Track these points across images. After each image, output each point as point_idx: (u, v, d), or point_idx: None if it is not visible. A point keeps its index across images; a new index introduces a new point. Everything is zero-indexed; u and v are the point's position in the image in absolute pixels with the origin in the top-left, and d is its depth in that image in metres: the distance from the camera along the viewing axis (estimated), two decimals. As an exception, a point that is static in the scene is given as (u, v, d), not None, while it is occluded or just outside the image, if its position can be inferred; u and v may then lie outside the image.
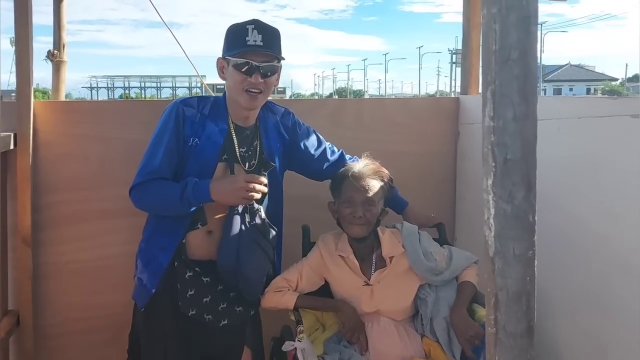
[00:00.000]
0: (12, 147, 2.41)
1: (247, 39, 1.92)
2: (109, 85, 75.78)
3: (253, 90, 1.97)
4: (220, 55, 2.04)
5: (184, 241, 2.02)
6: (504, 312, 0.79)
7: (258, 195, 1.96)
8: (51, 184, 2.59)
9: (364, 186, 2.15)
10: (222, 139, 2.02)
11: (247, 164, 2.08)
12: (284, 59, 2.00)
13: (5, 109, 2.50)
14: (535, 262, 0.79)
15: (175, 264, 2.02)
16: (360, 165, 2.22)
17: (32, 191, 2.49)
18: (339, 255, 2.21)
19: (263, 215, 2.11)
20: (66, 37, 2.89)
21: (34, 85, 2.51)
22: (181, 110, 1.99)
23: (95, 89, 74.47)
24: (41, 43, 2.95)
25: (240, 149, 2.06)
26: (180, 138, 1.97)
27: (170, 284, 2.03)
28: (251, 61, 1.93)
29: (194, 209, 1.96)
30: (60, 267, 2.65)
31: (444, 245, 2.31)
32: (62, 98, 2.93)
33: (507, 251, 0.78)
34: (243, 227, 2.01)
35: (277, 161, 2.18)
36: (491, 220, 0.79)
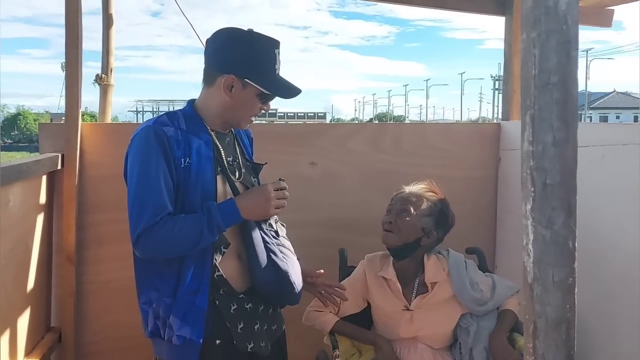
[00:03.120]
0: (59, 167, 2.48)
1: (275, 67, 1.79)
2: (155, 109, 77.56)
3: (258, 115, 1.87)
4: (227, 71, 1.76)
5: (218, 274, 1.79)
6: (543, 340, 0.78)
7: (286, 203, 1.86)
8: (95, 204, 2.65)
9: (403, 197, 2.15)
10: (211, 151, 1.81)
11: (236, 173, 1.89)
12: (300, 91, 1.86)
13: (54, 130, 2.58)
14: (576, 290, 0.77)
15: (217, 302, 1.80)
16: (416, 185, 2.22)
17: (77, 210, 2.56)
18: (382, 276, 2.19)
19: (276, 217, 1.98)
20: (114, 62, 2.98)
21: (82, 109, 2.59)
22: (161, 131, 1.73)
23: (141, 112, 76.41)
24: (90, 68, 3.02)
25: (228, 158, 1.87)
26: (171, 162, 1.72)
27: (216, 325, 1.79)
28: (281, 95, 1.84)
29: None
30: (102, 285, 2.70)
31: (487, 274, 2.27)
32: (109, 120, 3.01)
33: (546, 277, 0.77)
34: (265, 237, 1.87)
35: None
36: (530, 246, 0.78)
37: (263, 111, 1.87)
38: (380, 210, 2.24)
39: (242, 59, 1.76)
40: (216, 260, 1.79)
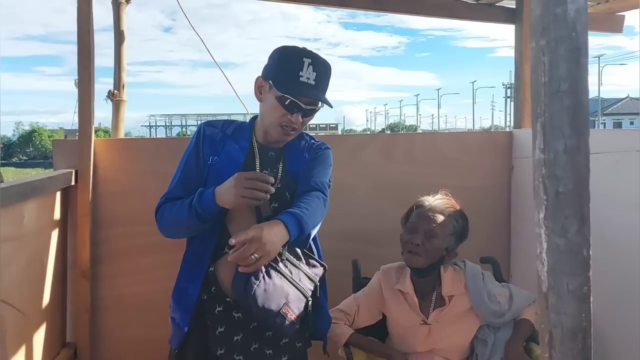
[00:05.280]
0: (73, 183, 2.50)
1: (300, 74, 1.78)
2: (167, 124, 78.05)
3: (288, 126, 1.84)
4: (261, 75, 1.88)
5: (211, 269, 1.83)
6: (559, 350, 0.77)
7: (263, 195, 1.70)
8: (109, 219, 2.66)
9: (428, 216, 2.07)
10: (243, 157, 1.88)
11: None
12: (331, 106, 1.86)
13: (68, 147, 2.60)
14: (592, 299, 0.76)
15: (204, 297, 1.87)
16: (434, 198, 2.15)
17: (91, 226, 2.57)
18: (399, 289, 2.16)
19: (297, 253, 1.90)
20: (126, 78, 3.01)
21: (96, 125, 2.61)
22: (202, 129, 1.93)
23: (154, 127, 76.90)
24: (103, 84, 3.07)
25: (264, 171, 1.88)
26: (199, 157, 1.88)
27: (200, 320, 1.87)
28: (298, 102, 1.79)
29: (209, 222, 1.77)
30: (117, 300, 2.71)
31: (503, 284, 2.25)
32: (122, 136, 3.03)
33: (561, 286, 0.76)
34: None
35: None
36: (544, 255, 0.77)
37: (293, 123, 1.83)
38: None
39: (270, 63, 1.87)
40: (215, 258, 1.84)
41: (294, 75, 1.78)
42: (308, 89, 1.79)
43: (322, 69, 1.82)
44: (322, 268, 1.96)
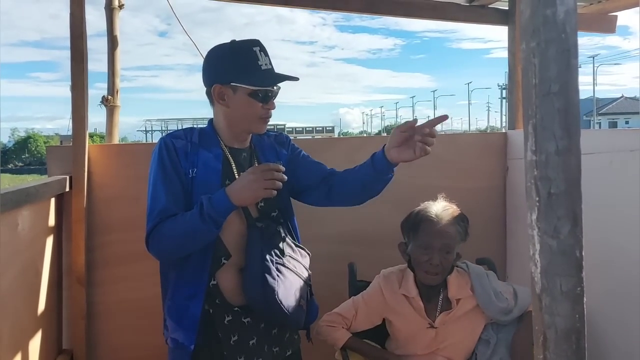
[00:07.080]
0: (67, 189, 2.50)
1: (259, 63, 1.81)
2: (163, 129, 77.97)
3: (267, 116, 1.86)
4: (215, 82, 1.84)
5: (214, 282, 1.83)
6: (553, 351, 0.77)
7: (279, 184, 1.74)
8: (104, 225, 2.66)
9: (442, 232, 2.02)
10: (220, 164, 1.86)
11: None
12: (297, 78, 1.89)
13: (62, 153, 2.60)
14: (585, 299, 0.77)
15: (210, 310, 1.84)
16: (438, 207, 2.08)
17: (86, 232, 2.57)
18: (403, 294, 2.13)
19: (283, 233, 1.95)
20: (119, 83, 3.00)
21: (91, 130, 2.62)
22: (170, 143, 1.84)
23: (150, 132, 76.91)
24: (99, 89, 3.05)
25: (242, 173, 1.85)
26: (179, 170, 1.82)
27: (209, 334, 1.84)
28: (271, 89, 1.83)
29: (220, 228, 1.75)
30: (113, 306, 2.70)
31: (505, 282, 2.24)
32: (116, 141, 3.03)
33: (554, 288, 0.76)
34: (264, 250, 1.83)
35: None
36: (537, 256, 0.77)
37: (270, 110, 1.86)
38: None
39: (222, 66, 1.85)
40: (214, 270, 1.83)
41: (256, 67, 1.81)
42: (272, 73, 1.85)
43: (266, 49, 1.86)
44: (308, 257, 2.03)
